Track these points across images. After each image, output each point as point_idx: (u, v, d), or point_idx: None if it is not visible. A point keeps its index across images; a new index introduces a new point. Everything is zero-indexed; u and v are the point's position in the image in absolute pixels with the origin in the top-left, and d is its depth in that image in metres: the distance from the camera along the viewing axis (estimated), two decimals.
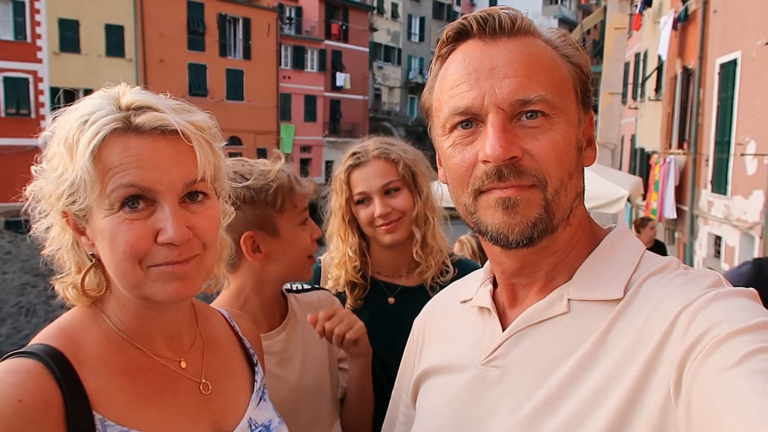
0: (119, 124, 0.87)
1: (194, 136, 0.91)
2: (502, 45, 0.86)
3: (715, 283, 0.80)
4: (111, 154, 0.86)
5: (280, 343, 1.49)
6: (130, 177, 0.86)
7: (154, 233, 0.88)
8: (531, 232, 0.85)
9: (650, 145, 16.12)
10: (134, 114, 0.89)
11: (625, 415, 0.75)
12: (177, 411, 0.97)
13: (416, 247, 1.83)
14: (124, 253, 0.87)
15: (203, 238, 0.93)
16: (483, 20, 0.87)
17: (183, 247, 0.89)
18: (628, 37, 21.27)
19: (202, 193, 0.93)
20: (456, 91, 0.86)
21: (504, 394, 0.88)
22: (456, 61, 0.88)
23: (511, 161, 0.82)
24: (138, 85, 0.96)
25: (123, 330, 0.96)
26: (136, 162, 0.86)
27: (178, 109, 0.94)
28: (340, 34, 37.70)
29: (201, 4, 29.91)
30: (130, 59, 27.02)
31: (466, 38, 0.89)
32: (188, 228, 0.90)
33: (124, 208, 0.87)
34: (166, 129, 0.89)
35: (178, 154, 0.90)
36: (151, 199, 0.88)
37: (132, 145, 0.87)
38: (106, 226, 0.87)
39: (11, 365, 0.84)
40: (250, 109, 31.66)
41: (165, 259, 0.88)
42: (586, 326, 0.84)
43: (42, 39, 24.75)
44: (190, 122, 0.93)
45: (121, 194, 0.86)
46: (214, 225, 0.96)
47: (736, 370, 0.65)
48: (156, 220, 0.88)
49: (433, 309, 1.18)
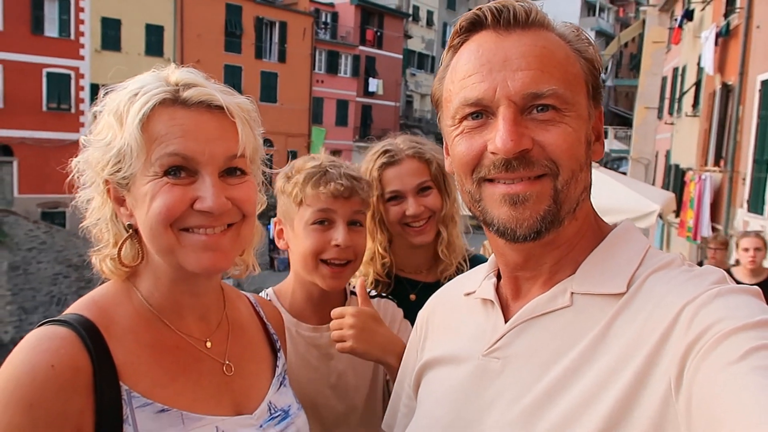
0: (168, 95, 0.93)
1: (237, 113, 0.95)
2: (515, 37, 0.85)
3: (718, 280, 0.79)
4: (158, 123, 0.91)
5: (327, 339, 1.49)
6: (174, 146, 0.90)
7: (191, 200, 0.92)
8: (540, 226, 0.84)
9: (685, 162, 15.80)
10: (182, 89, 0.94)
11: (625, 408, 0.74)
12: (200, 389, 0.99)
13: (442, 246, 1.84)
14: (159, 214, 0.91)
15: (243, 208, 0.96)
16: (498, 11, 0.86)
17: (220, 216, 0.92)
18: (667, 51, 20.90)
19: (240, 170, 0.97)
20: (467, 81, 0.86)
21: (505, 386, 0.88)
22: (468, 52, 0.88)
23: (521, 153, 0.82)
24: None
25: (154, 305, 0.99)
26: (180, 132, 0.91)
27: (224, 91, 0.99)
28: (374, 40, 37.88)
29: (239, 6, 30.39)
30: (168, 59, 27.53)
31: (480, 29, 0.88)
32: (228, 199, 0.93)
33: (167, 175, 0.91)
34: (211, 104, 0.94)
35: (221, 128, 0.94)
36: (193, 170, 0.92)
37: (178, 116, 0.92)
38: (148, 189, 0.91)
39: (46, 332, 0.87)
40: (283, 112, 31.98)
41: (198, 223, 0.92)
42: (589, 320, 0.84)
43: (85, 37, 25.45)
44: (236, 102, 0.97)
45: (165, 163, 0.91)
46: (252, 197, 0.99)
47: (738, 366, 0.65)
48: (195, 188, 0.92)
49: (437, 301, 1.18)
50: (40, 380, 0.82)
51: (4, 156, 23.95)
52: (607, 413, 0.75)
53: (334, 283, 1.46)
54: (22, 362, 0.84)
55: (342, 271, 1.46)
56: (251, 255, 1.14)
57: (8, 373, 0.83)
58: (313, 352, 1.49)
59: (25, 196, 23.57)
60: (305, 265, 1.46)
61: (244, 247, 1.03)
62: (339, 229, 1.43)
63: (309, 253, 1.43)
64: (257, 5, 31.23)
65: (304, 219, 1.44)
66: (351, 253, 1.46)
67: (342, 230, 1.43)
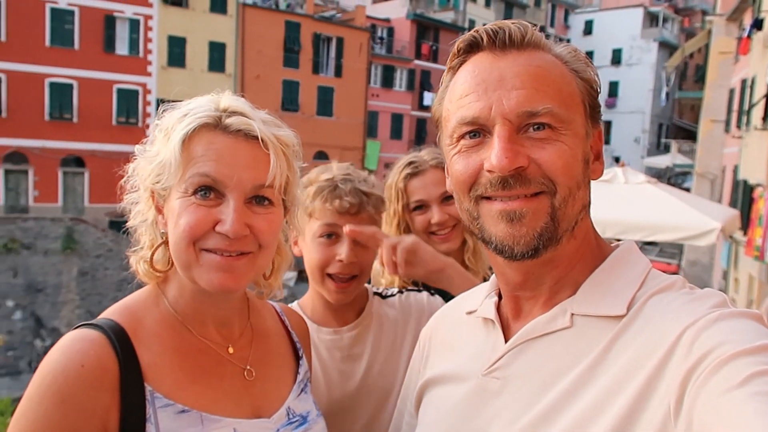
0: (210, 120, 0.99)
1: (272, 145, 1.00)
2: (511, 57, 0.87)
3: (720, 304, 0.78)
4: (198, 144, 0.98)
5: (348, 340, 1.52)
6: (207, 168, 0.97)
7: (214, 221, 0.97)
8: (537, 243, 0.85)
9: (754, 178, 15.02)
10: (226, 116, 1.00)
11: (623, 431, 0.74)
12: (221, 392, 1.04)
13: (468, 254, 1.87)
14: (183, 231, 0.97)
15: (260, 239, 1.00)
16: (493, 33, 0.88)
17: (237, 241, 0.97)
18: (734, 62, 20.05)
19: (267, 200, 1.02)
20: (464, 101, 0.88)
21: (503, 406, 0.88)
22: (465, 72, 0.90)
23: (517, 171, 0.83)
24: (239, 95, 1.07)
25: (179, 312, 1.05)
26: (215, 155, 0.97)
27: (267, 122, 1.04)
28: (429, 54, 38.02)
29: (298, 24, 31.20)
30: (229, 74, 28.57)
31: (477, 50, 0.90)
32: (247, 225, 0.98)
33: (196, 194, 0.97)
34: (249, 133, 1.00)
35: (254, 157, 0.99)
36: (221, 192, 0.98)
37: (217, 141, 0.98)
38: (176, 206, 0.98)
39: (78, 334, 0.95)
40: (339, 125, 32.49)
41: (216, 246, 0.97)
42: (588, 341, 0.84)
43: (152, 54, 26.76)
44: (274, 134, 1.02)
45: (196, 182, 0.97)
46: (273, 229, 1.03)
47: (739, 392, 0.64)
48: (219, 211, 0.97)
49: (439, 319, 1.18)
50: (72, 378, 0.89)
51: (77, 167, 25.35)
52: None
53: (339, 297, 1.47)
54: (57, 361, 0.91)
55: (347, 287, 1.46)
56: (278, 280, 1.18)
57: (45, 370, 0.91)
58: (336, 355, 1.51)
59: (94, 205, 24.84)
60: (313, 277, 1.49)
61: (260, 273, 1.08)
62: (344, 244, 1.44)
63: (315, 266, 1.46)
64: (315, 22, 31.98)
65: (312, 231, 1.46)
66: (356, 269, 1.46)
67: (346, 246, 1.43)
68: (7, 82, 23.81)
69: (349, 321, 1.55)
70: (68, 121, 25.23)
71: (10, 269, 21.59)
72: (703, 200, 9.56)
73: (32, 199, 24.67)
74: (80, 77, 25.20)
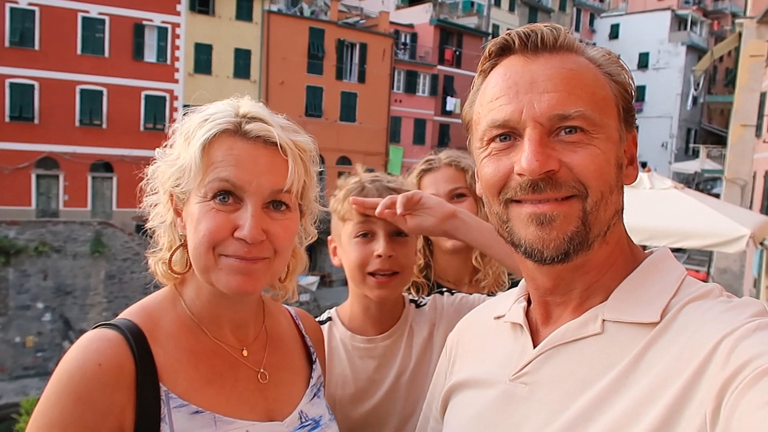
0: (230, 126, 1.01)
1: (291, 151, 1.02)
2: (543, 60, 0.86)
3: (758, 313, 0.76)
4: (217, 149, 0.99)
5: (381, 349, 1.52)
6: (226, 173, 0.98)
7: (233, 227, 0.98)
8: (567, 247, 0.83)
9: None
10: (246, 122, 1.02)
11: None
12: (235, 395, 1.05)
13: (476, 253, 1.88)
14: (203, 237, 0.98)
15: (275, 244, 1.02)
16: (525, 36, 0.87)
17: (253, 246, 0.98)
18: (766, 66, 19.62)
19: (285, 204, 1.03)
20: (495, 104, 0.87)
21: (531, 412, 0.87)
22: (497, 76, 0.89)
23: (548, 174, 0.82)
24: (260, 102, 1.09)
25: (195, 314, 1.07)
26: (235, 161, 0.99)
27: (286, 128, 1.06)
28: (453, 59, 37.97)
29: (322, 30, 31.43)
30: (254, 81, 28.88)
31: (509, 54, 0.89)
32: (264, 231, 0.99)
33: (215, 199, 0.98)
34: (268, 140, 1.01)
35: (273, 163, 1.01)
36: (239, 197, 0.99)
37: (236, 147, 1.00)
38: (196, 210, 0.99)
39: (96, 334, 0.97)
40: (362, 131, 32.59)
41: (234, 252, 0.98)
42: (620, 348, 0.82)
43: (179, 61, 27.20)
44: (292, 140, 1.04)
45: (215, 186, 0.98)
46: (289, 235, 1.05)
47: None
48: (238, 216, 0.98)
49: (466, 324, 1.17)
50: (89, 376, 0.91)
51: (105, 172, 25.85)
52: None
53: (381, 293, 1.46)
54: (75, 359, 0.93)
55: (389, 281, 1.45)
56: (293, 282, 1.19)
57: (63, 368, 0.92)
58: (369, 364, 1.50)
59: (122, 209, 25.28)
60: (353, 278, 1.49)
61: (275, 277, 1.09)
62: (380, 240, 1.45)
63: (355, 266, 1.46)
64: (339, 28, 32.19)
65: (348, 233, 1.48)
66: (395, 264, 1.45)
67: (382, 241, 1.44)
68: (39, 89, 24.41)
69: (386, 329, 1.54)
70: (98, 127, 25.76)
71: (40, 272, 22.09)
72: (731, 206, 9.36)
73: (62, 204, 25.22)
74: (110, 84, 25.70)
